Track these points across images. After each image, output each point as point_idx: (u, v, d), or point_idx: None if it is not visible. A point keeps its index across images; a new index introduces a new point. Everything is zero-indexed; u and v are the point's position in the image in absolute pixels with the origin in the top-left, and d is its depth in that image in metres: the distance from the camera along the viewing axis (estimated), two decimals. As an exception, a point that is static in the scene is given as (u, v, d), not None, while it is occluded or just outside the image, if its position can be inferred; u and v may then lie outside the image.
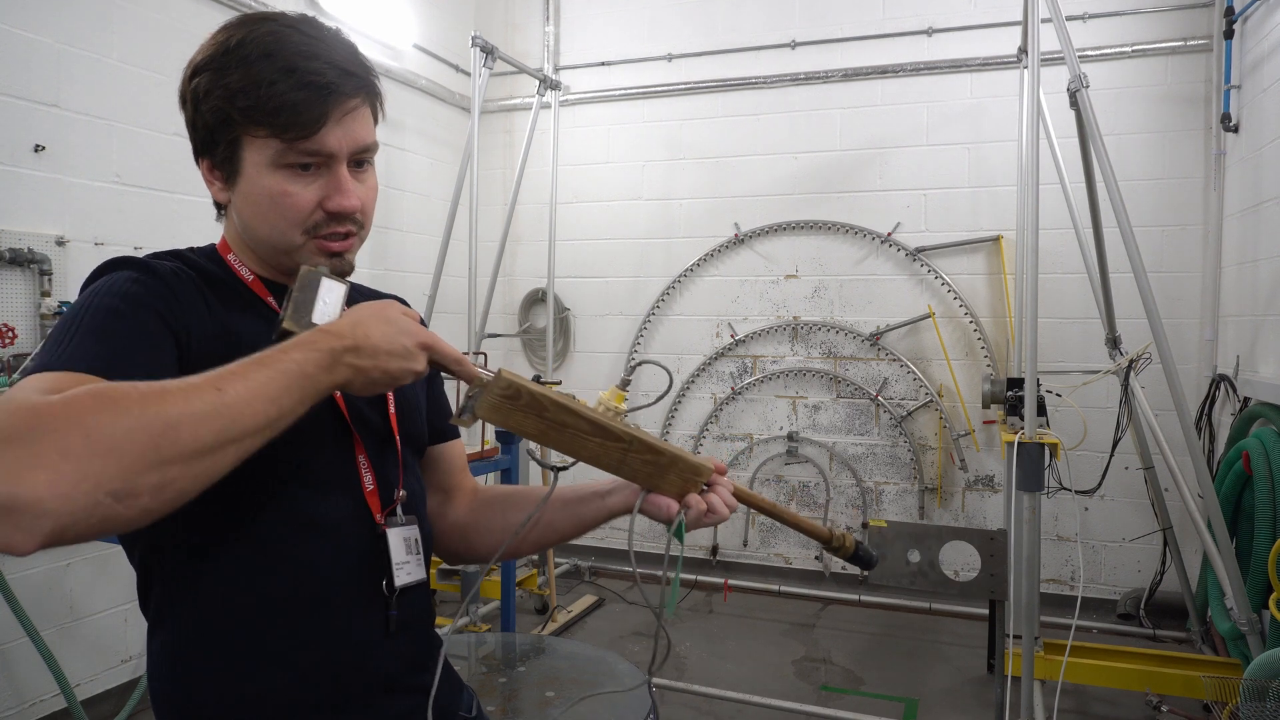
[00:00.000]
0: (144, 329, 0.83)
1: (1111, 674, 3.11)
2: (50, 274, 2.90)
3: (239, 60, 0.90)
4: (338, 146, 0.91)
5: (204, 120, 0.92)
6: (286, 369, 0.75)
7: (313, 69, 0.89)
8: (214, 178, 0.97)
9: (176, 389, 0.69)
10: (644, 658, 3.79)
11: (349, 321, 0.82)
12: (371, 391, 0.84)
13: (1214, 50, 4.05)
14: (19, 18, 2.83)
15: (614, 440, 0.95)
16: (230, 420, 0.70)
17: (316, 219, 0.93)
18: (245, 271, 1.00)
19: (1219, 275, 4.06)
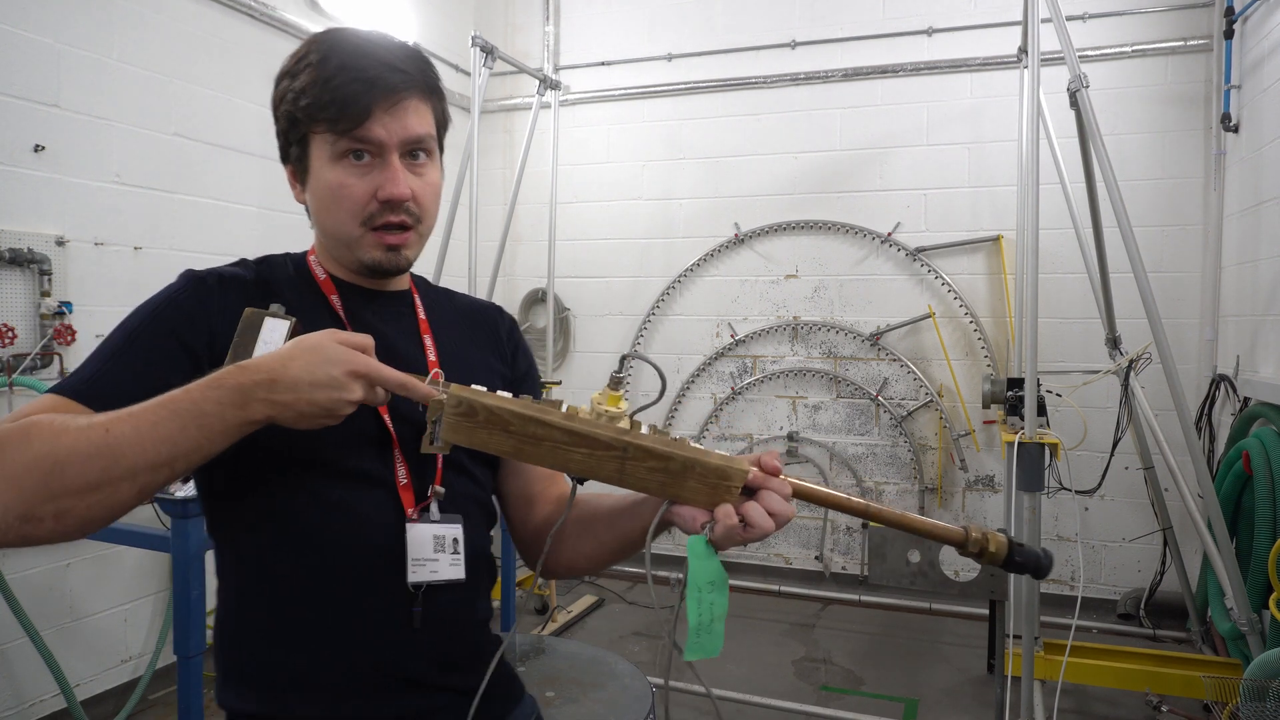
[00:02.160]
0: (153, 349, 0.92)
1: (1111, 674, 3.11)
2: (50, 274, 2.90)
3: (305, 65, 0.98)
4: (386, 136, 0.96)
5: (281, 126, 1.03)
6: (183, 409, 0.79)
7: (362, 65, 0.96)
8: (294, 180, 1.05)
9: (76, 429, 0.77)
10: (644, 658, 3.79)
11: (274, 354, 0.83)
12: (306, 425, 0.82)
13: (1214, 50, 4.05)
14: (19, 18, 2.83)
15: (604, 449, 0.84)
16: (113, 460, 0.76)
17: (371, 209, 0.98)
18: (320, 271, 1.07)
19: (1219, 275, 4.06)
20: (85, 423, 0.78)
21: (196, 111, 3.48)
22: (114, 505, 0.78)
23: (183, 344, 0.92)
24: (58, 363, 2.94)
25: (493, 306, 1.25)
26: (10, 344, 2.79)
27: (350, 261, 1.03)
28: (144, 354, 0.91)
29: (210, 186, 3.56)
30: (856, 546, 4.75)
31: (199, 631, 2.05)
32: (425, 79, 1.01)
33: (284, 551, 0.96)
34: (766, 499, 0.86)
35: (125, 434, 0.77)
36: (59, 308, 2.93)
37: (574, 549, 1.07)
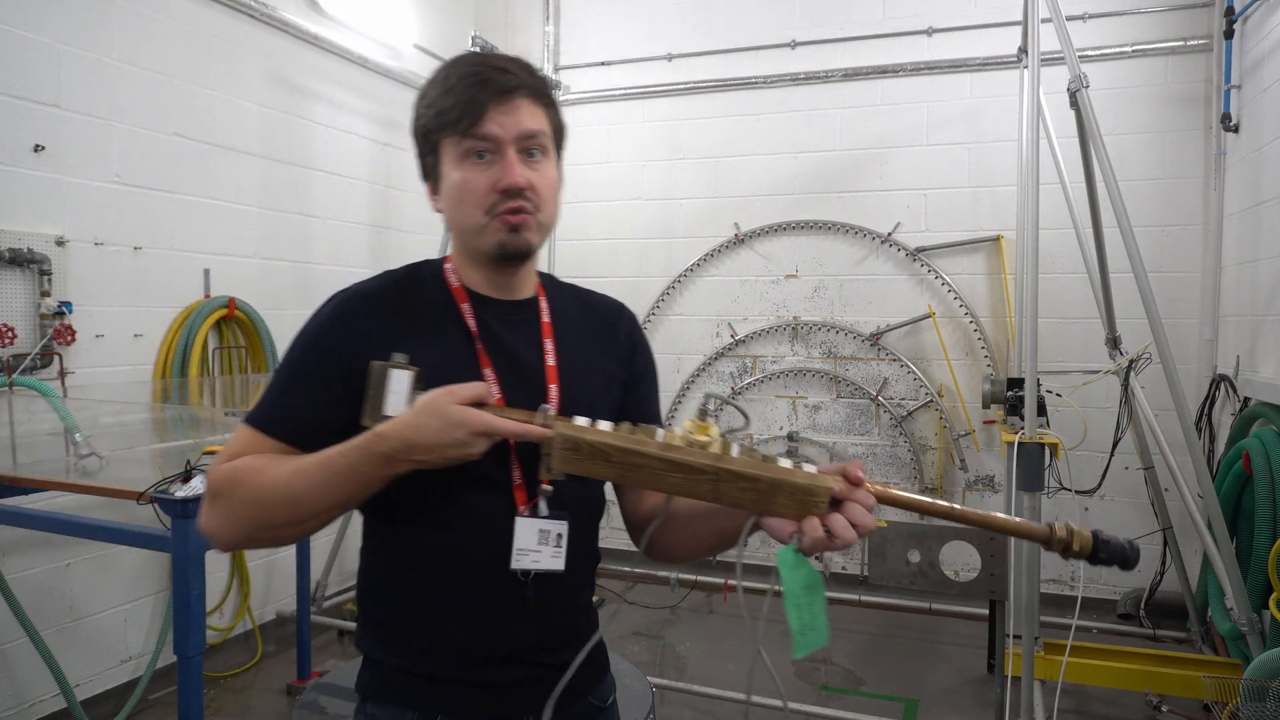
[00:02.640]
0: (315, 379, 1.08)
1: (1111, 674, 3.10)
2: (50, 274, 2.90)
3: (433, 84, 1.13)
4: (501, 132, 1.07)
5: (418, 144, 1.15)
6: (341, 470, 1.00)
7: (477, 71, 1.08)
8: (431, 193, 1.17)
9: (270, 482, 1.01)
10: (645, 658, 3.79)
11: (405, 423, 0.98)
12: (446, 465, 0.99)
13: (1214, 50, 4.05)
14: (19, 17, 2.83)
15: (698, 473, 0.93)
16: (298, 507, 1.02)
17: (493, 199, 1.08)
18: (454, 279, 1.18)
19: (1219, 275, 4.06)
20: (272, 479, 1.01)
21: (196, 111, 3.48)
22: (309, 531, 1.07)
23: (339, 372, 1.07)
24: (58, 363, 2.94)
25: (616, 305, 1.33)
26: (10, 344, 2.80)
27: (480, 255, 1.13)
28: (309, 385, 1.08)
29: (210, 186, 3.56)
30: (856, 546, 4.75)
31: (199, 631, 2.05)
32: (536, 84, 1.12)
33: (424, 537, 1.11)
34: (850, 511, 0.95)
35: (303, 489, 1.01)
36: (59, 308, 2.93)
37: (677, 540, 1.19)
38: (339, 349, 1.08)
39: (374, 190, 4.60)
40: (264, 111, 3.78)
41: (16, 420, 2.74)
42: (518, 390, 1.12)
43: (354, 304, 1.11)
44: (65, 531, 2.38)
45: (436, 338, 1.11)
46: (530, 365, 1.15)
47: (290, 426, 1.07)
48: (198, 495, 2.01)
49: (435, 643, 1.11)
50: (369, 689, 1.16)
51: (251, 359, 3.75)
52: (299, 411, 1.08)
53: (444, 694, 1.11)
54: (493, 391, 1.08)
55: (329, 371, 1.08)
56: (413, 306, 1.13)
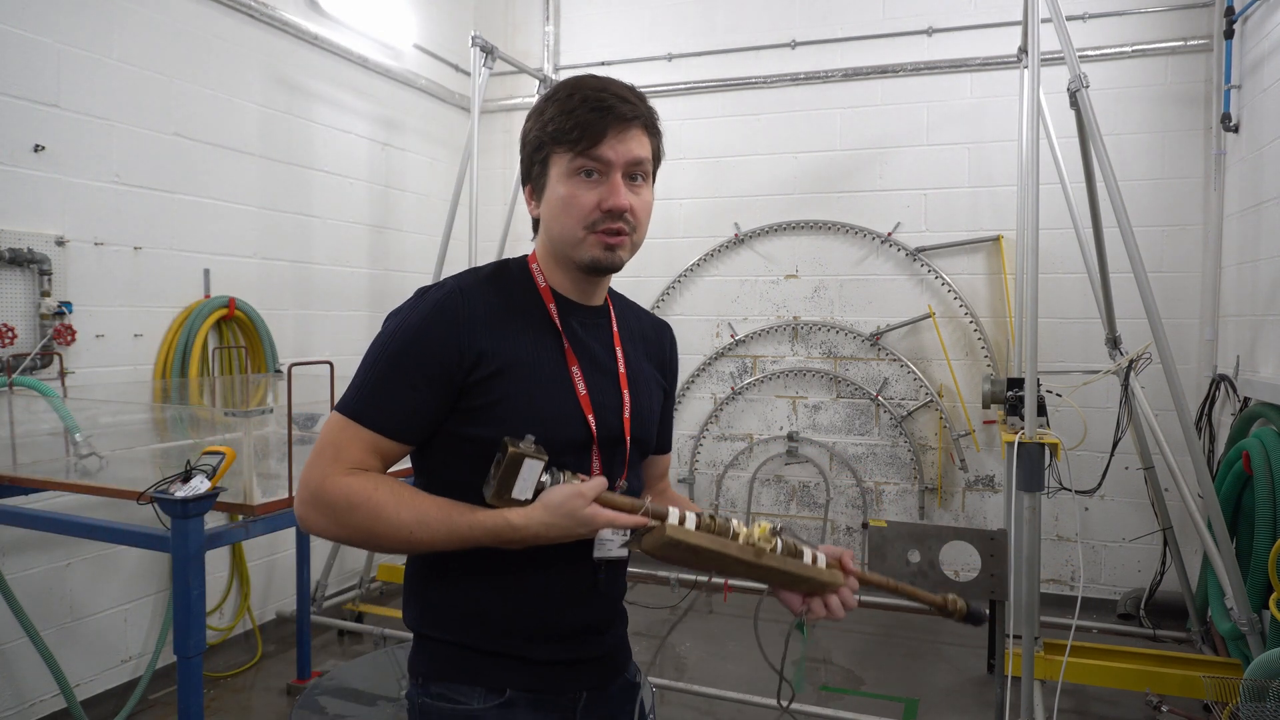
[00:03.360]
0: (416, 375, 1.13)
1: (1111, 674, 3.10)
2: (50, 274, 2.90)
3: (553, 100, 1.20)
4: (614, 156, 1.16)
5: (527, 151, 1.23)
6: (465, 538, 1.10)
7: (601, 98, 1.17)
8: (530, 196, 1.25)
9: (389, 525, 1.10)
10: (645, 658, 3.79)
11: (540, 521, 1.09)
12: None
13: (1214, 50, 4.05)
14: (19, 18, 2.83)
15: (759, 570, 1.15)
16: (412, 547, 1.13)
17: (595, 217, 1.17)
18: (541, 279, 1.25)
19: (1219, 275, 4.06)
20: (393, 521, 1.10)
21: (196, 111, 3.48)
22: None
23: (442, 370, 1.13)
24: (58, 363, 2.94)
25: (662, 323, 1.49)
26: (10, 344, 2.80)
27: (570, 263, 1.22)
28: (410, 380, 1.13)
29: (210, 186, 3.56)
30: (856, 546, 4.75)
31: (199, 631, 2.05)
32: (649, 115, 1.23)
33: None
34: (844, 595, 1.22)
35: (422, 539, 1.10)
36: (59, 308, 2.93)
37: None
38: (445, 346, 1.13)
39: (374, 190, 4.60)
40: (264, 111, 3.78)
41: (16, 420, 2.73)
42: (598, 388, 1.22)
43: (457, 301, 1.16)
44: (65, 531, 2.38)
45: (528, 334, 1.19)
46: (607, 367, 1.26)
47: (390, 421, 1.14)
48: (198, 495, 2.01)
49: (510, 622, 1.19)
50: (430, 668, 1.21)
51: (251, 359, 3.75)
52: (399, 406, 1.14)
53: (510, 669, 1.19)
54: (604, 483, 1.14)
55: (432, 369, 1.13)
56: (507, 304, 1.21)
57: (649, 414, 1.33)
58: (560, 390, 1.19)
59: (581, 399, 1.20)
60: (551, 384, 1.19)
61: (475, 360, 1.14)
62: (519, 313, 1.21)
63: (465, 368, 1.13)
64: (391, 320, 1.19)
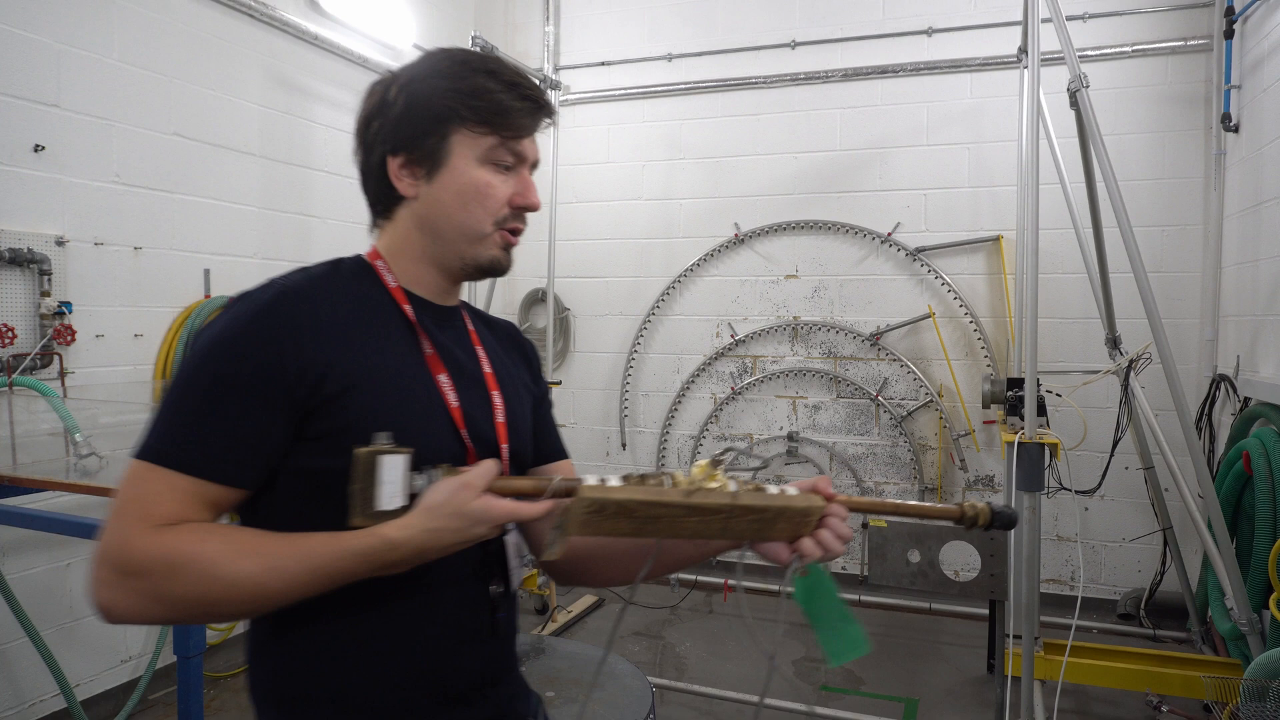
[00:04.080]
0: (247, 397, 0.91)
1: (1111, 674, 3.10)
2: (50, 274, 2.90)
3: (468, 71, 1.04)
4: (532, 153, 1.08)
5: (417, 115, 1.02)
6: (332, 575, 0.89)
7: (529, 86, 1.06)
8: (407, 172, 1.05)
9: (232, 579, 0.86)
10: (645, 658, 3.79)
11: (421, 528, 0.88)
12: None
13: (1214, 50, 4.05)
14: (18, 17, 2.83)
15: (713, 514, 0.93)
16: (267, 602, 0.89)
17: (505, 213, 1.06)
18: (389, 278, 1.07)
19: (1219, 275, 4.06)
20: (235, 573, 0.86)
21: (196, 111, 3.48)
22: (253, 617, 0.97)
23: (282, 388, 0.92)
24: (58, 363, 2.94)
25: (512, 325, 1.32)
26: (10, 344, 2.79)
27: (454, 260, 1.07)
28: (241, 408, 0.91)
29: (210, 186, 3.56)
30: (856, 546, 4.75)
31: (199, 631, 2.05)
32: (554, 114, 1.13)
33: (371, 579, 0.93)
34: (833, 525, 0.99)
35: (278, 589, 0.87)
36: (59, 308, 2.93)
37: (615, 569, 1.17)
38: (279, 359, 0.92)
39: (374, 190, 4.59)
40: (264, 111, 3.78)
41: (16, 420, 2.73)
42: (467, 394, 1.06)
43: (288, 305, 0.96)
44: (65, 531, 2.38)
45: (381, 341, 1.01)
46: (472, 371, 1.10)
47: (214, 460, 0.90)
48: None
49: (383, 679, 0.97)
50: None
51: (251, 359, 3.75)
52: (224, 439, 0.90)
53: None
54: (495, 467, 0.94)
55: (267, 388, 0.91)
56: (352, 307, 1.01)
57: (522, 420, 1.16)
58: (426, 404, 1.01)
59: (453, 411, 1.03)
60: (415, 398, 1.00)
61: (319, 376, 0.93)
62: (367, 317, 1.02)
63: (307, 384, 0.92)
64: (202, 337, 0.96)
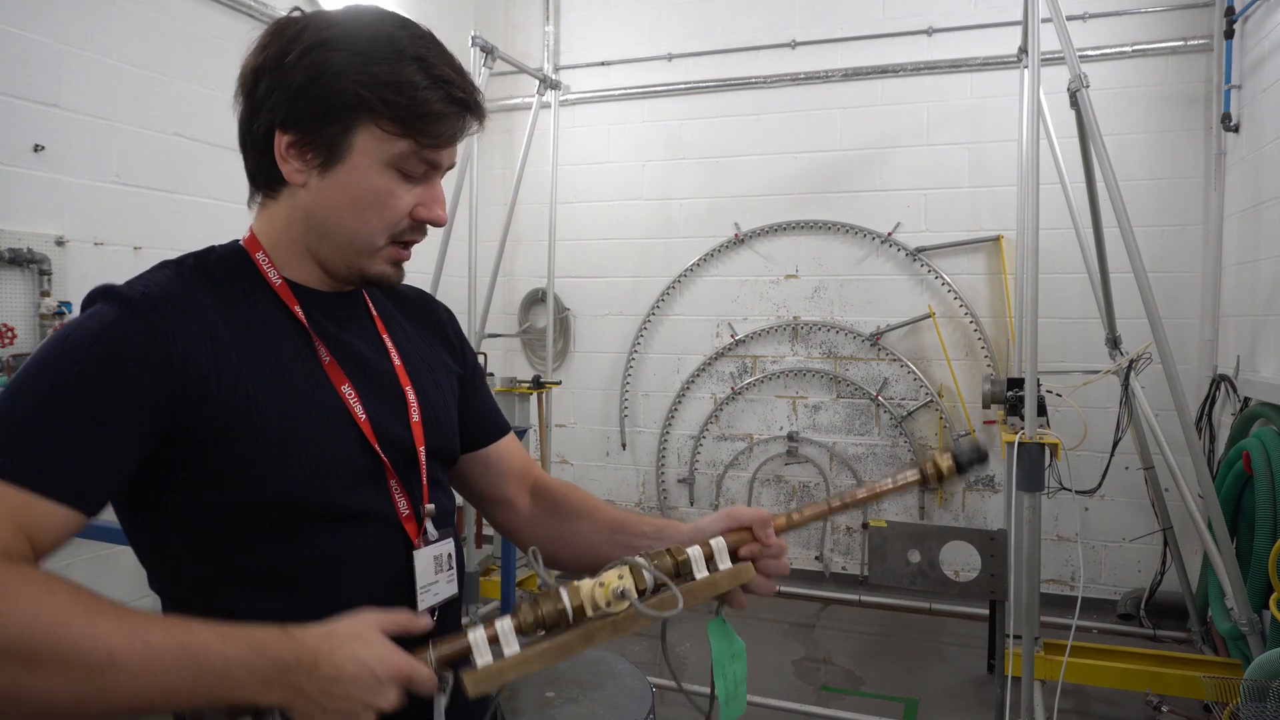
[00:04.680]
0: (100, 402, 0.77)
1: (1111, 674, 3.10)
2: (50, 274, 2.90)
3: (393, 54, 0.86)
4: (448, 162, 0.94)
5: (321, 93, 0.85)
6: (206, 664, 0.70)
7: (462, 85, 0.90)
8: (296, 155, 0.88)
9: (65, 659, 0.65)
10: (645, 658, 3.79)
11: (321, 634, 0.75)
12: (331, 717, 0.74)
13: (1214, 50, 4.05)
14: (18, 17, 2.83)
15: (628, 626, 0.87)
16: (115, 702, 0.68)
17: (403, 225, 0.92)
18: (273, 275, 0.93)
19: (1219, 275, 4.06)
20: (74, 652, 0.66)
21: (196, 111, 3.48)
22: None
23: (142, 397, 0.79)
24: (58, 363, 2.94)
25: (423, 293, 1.17)
26: (10, 344, 2.79)
27: (349, 265, 0.93)
28: (89, 408, 0.77)
29: (210, 186, 3.56)
30: (856, 547, 4.75)
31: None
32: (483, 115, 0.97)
33: (283, 611, 0.81)
34: (765, 567, 0.96)
35: (130, 668, 0.68)
36: (59, 308, 2.93)
37: (567, 547, 1.10)
38: (143, 370, 0.79)
39: (374, 190, 4.59)
40: (264, 111, 3.79)
41: (16, 420, 2.73)
42: (376, 400, 0.94)
43: (155, 311, 0.82)
44: (65, 531, 2.38)
45: (271, 351, 0.88)
46: (378, 367, 0.97)
47: (54, 471, 0.74)
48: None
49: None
50: None
51: (251, 359, 3.75)
52: (70, 448, 0.75)
53: None
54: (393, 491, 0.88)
55: (127, 395, 0.78)
56: (229, 312, 0.87)
57: (443, 413, 1.04)
58: (331, 422, 0.89)
59: (362, 425, 0.91)
60: (313, 414, 0.88)
61: (192, 395, 0.81)
62: (250, 323, 0.88)
63: (179, 404, 0.80)
64: (56, 335, 0.83)
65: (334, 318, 0.96)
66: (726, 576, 0.91)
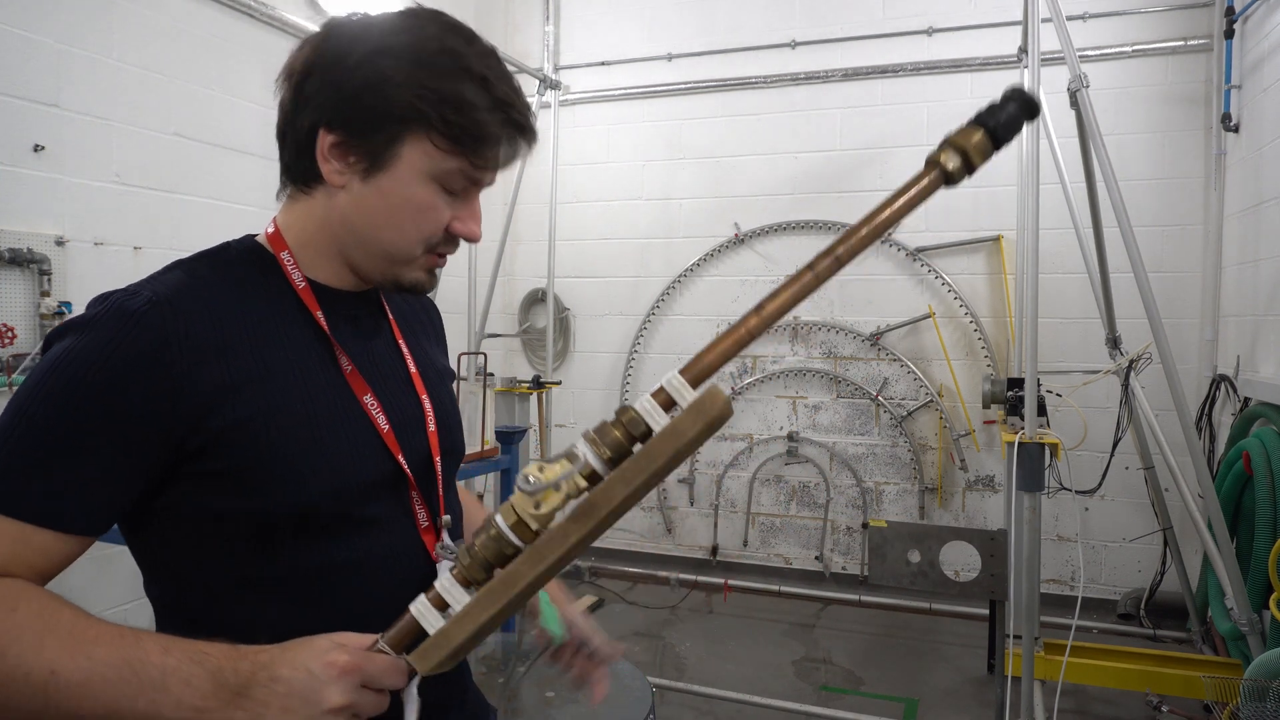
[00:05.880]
0: (98, 432, 0.75)
1: (1111, 674, 3.10)
2: (50, 274, 2.90)
3: (457, 70, 0.84)
4: (490, 180, 0.91)
5: (376, 100, 0.83)
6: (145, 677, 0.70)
7: (521, 109, 0.87)
8: (339, 156, 0.86)
9: (11, 676, 0.68)
10: (645, 658, 3.79)
11: (272, 649, 0.72)
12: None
13: (1214, 50, 4.05)
14: (18, 17, 2.82)
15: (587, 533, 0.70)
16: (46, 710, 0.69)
17: (439, 238, 0.89)
18: (297, 276, 0.90)
19: (1219, 275, 4.06)
20: (16, 661, 0.68)
21: (196, 111, 3.48)
22: None
23: (145, 423, 0.77)
24: (58, 363, 2.94)
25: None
26: (10, 344, 2.79)
27: (381, 271, 0.91)
28: (86, 438, 0.75)
29: (210, 186, 3.56)
30: (856, 547, 4.75)
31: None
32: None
33: (299, 618, 0.80)
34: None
35: (71, 683, 0.69)
36: (59, 308, 2.93)
37: None
38: (148, 390, 0.76)
39: (374, 190, 4.59)
40: (264, 111, 3.78)
41: (16, 420, 2.72)
42: (397, 410, 0.93)
43: (161, 319, 0.79)
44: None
45: (290, 356, 0.86)
46: (398, 374, 0.97)
47: (48, 501, 0.74)
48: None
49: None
50: None
51: (251, 359, 3.75)
52: (66, 478, 0.74)
53: None
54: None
55: (128, 425, 0.76)
56: (248, 314, 0.85)
57: (453, 415, 1.04)
58: (349, 429, 0.87)
59: (385, 436, 0.89)
60: (334, 423, 0.86)
61: (205, 407, 0.78)
62: (267, 326, 0.85)
63: (187, 419, 0.78)
64: (52, 350, 0.79)
65: (355, 322, 0.94)
66: (689, 415, 0.67)
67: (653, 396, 0.68)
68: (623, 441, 0.68)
